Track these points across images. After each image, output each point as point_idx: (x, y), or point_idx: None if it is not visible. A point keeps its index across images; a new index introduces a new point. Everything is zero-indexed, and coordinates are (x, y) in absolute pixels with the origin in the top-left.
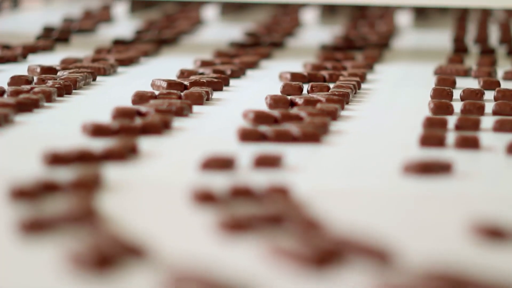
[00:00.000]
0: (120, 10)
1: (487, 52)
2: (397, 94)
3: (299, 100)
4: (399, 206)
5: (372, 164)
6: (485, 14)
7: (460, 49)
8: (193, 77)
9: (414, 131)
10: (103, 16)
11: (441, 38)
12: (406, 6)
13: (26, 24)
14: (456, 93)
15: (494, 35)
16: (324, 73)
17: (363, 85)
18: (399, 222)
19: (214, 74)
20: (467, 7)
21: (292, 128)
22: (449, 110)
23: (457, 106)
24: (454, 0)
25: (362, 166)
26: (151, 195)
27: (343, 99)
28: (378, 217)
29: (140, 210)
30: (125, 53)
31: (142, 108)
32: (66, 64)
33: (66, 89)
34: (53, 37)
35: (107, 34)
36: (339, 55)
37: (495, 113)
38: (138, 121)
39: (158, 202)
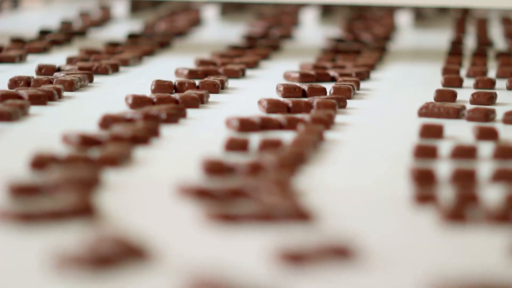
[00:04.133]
0: (119, 11)
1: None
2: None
3: (239, 167)
4: None
5: None
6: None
7: (457, 52)
8: (116, 129)
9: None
10: (102, 17)
11: (440, 39)
12: (406, 6)
13: (25, 24)
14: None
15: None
16: (282, 118)
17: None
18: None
19: (143, 123)
20: (467, 7)
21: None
22: (433, 180)
23: (445, 166)
24: (454, 0)
25: None
26: None
27: (296, 165)
28: None
29: None
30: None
31: (38, 180)
32: None
33: None
34: None
35: (100, 36)
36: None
37: (494, 179)
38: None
39: None
